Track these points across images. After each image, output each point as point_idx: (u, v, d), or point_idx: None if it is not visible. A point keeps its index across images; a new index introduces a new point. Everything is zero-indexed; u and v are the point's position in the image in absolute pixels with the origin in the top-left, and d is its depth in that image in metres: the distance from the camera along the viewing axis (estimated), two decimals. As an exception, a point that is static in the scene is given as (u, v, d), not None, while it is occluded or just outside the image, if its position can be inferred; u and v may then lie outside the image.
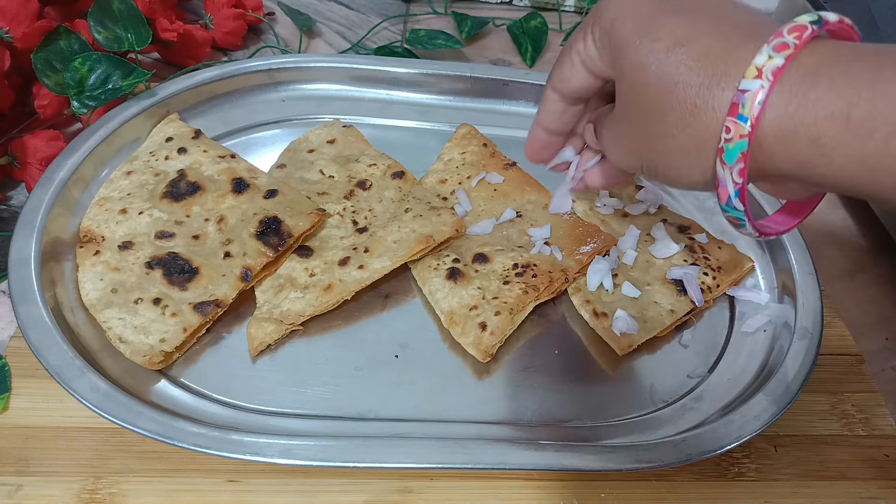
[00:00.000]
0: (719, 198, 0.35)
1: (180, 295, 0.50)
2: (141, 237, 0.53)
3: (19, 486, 0.44)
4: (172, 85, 0.63)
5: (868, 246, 0.69)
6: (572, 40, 0.42)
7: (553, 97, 0.46)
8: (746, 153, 0.32)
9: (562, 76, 0.44)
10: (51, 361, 0.44)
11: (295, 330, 0.52)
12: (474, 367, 0.51)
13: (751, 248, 0.60)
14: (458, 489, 0.46)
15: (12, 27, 0.58)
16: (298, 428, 0.47)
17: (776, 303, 0.56)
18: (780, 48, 0.31)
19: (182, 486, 0.45)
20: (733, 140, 0.32)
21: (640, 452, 0.44)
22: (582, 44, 0.41)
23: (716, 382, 0.52)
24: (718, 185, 0.34)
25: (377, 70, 0.69)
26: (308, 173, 0.60)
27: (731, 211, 0.35)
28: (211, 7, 0.78)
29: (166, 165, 0.58)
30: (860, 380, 0.55)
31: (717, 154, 0.33)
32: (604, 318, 0.53)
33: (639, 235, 0.58)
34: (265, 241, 0.53)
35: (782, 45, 0.31)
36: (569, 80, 0.43)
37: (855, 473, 0.50)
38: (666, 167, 0.37)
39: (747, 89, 0.31)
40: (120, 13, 0.63)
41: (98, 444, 0.46)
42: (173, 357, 0.49)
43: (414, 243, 0.54)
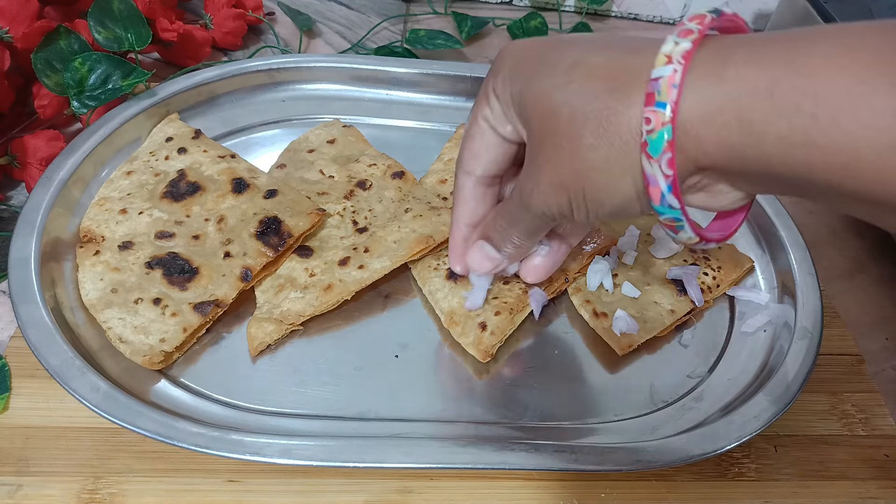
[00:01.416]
0: (651, 199, 0.32)
1: (180, 295, 0.50)
2: (141, 237, 0.53)
3: (19, 486, 0.44)
4: (172, 85, 0.63)
5: (868, 246, 0.69)
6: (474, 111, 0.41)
7: (468, 184, 0.43)
8: (672, 141, 0.30)
9: (473, 153, 0.41)
10: (51, 361, 0.44)
11: (295, 330, 0.52)
12: (474, 367, 0.51)
13: (751, 248, 0.61)
14: (458, 489, 0.46)
15: (12, 27, 0.58)
16: (298, 428, 0.47)
17: (776, 303, 0.56)
18: (685, 34, 0.31)
19: (182, 486, 0.45)
20: (655, 130, 0.30)
21: (640, 452, 0.44)
22: (486, 106, 0.40)
23: (716, 382, 0.52)
24: (648, 184, 0.32)
25: (377, 70, 0.69)
26: (308, 173, 0.60)
27: (666, 211, 0.33)
28: (211, 7, 0.78)
29: (166, 165, 0.58)
30: (860, 380, 0.55)
31: (642, 150, 0.31)
32: (604, 318, 0.53)
33: (639, 235, 0.58)
34: (265, 241, 0.53)
35: (686, 31, 0.31)
36: (480, 154, 0.41)
37: (855, 473, 0.50)
38: (594, 187, 0.34)
39: (660, 76, 0.30)
40: (120, 13, 0.63)
41: (98, 444, 0.46)
42: (173, 357, 0.49)
43: (414, 243, 0.54)
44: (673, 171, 0.31)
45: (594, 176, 0.34)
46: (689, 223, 0.34)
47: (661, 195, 0.32)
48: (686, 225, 0.34)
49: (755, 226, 0.61)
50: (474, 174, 0.42)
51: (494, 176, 0.43)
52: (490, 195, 0.44)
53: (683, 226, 0.34)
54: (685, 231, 0.34)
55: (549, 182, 0.36)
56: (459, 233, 0.46)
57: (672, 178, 0.31)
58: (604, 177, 0.33)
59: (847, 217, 0.71)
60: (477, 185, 0.43)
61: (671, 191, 0.32)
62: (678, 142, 0.30)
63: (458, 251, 0.47)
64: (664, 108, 0.30)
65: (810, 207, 0.72)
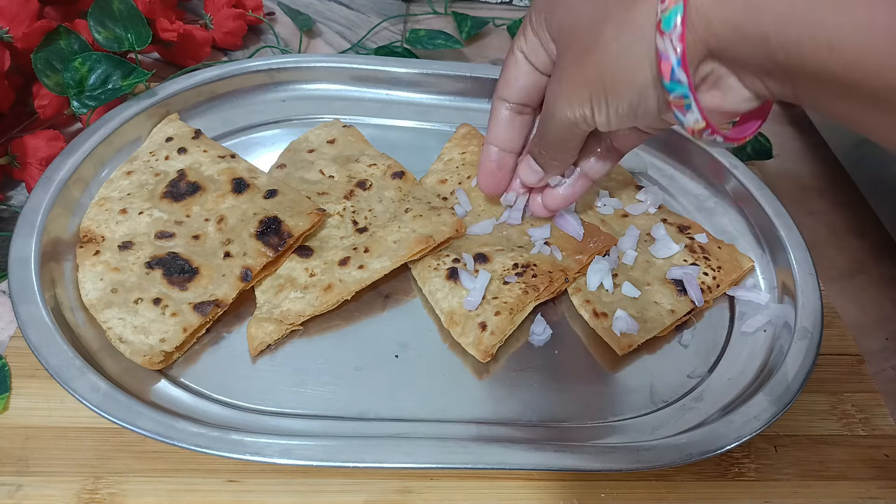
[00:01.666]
0: (663, 75, 0.35)
1: (180, 295, 0.50)
2: (141, 237, 0.53)
3: (19, 486, 0.44)
4: (172, 85, 0.63)
5: (868, 246, 0.69)
6: (512, 43, 0.44)
7: (501, 107, 0.48)
8: (683, 17, 0.33)
9: (507, 80, 0.46)
10: (51, 361, 0.44)
11: (295, 330, 0.52)
12: (474, 367, 0.51)
13: (751, 248, 0.61)
14: (458, 489, 0.46)
15: (12, 27, 0.58)
16: (298, 428, 0.47)
17: (776, 303, 0.56)
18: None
19: (182, 486, 0.45)
20: (668, 7, 0.34)
21: (640, 452, 0.44)
22: (522, 38, 0.44)
23: (716, 382, 0.52)
24: (661, 59, 0.35)
25: (377, 70, 0.69)
26: (308, 173, 0.60)
27: (675, 87, 0.35)
28: (211, 7, 0.78)
29: (166, 165, 0.58)
30: (860, 380, 0.55)
31: (656, 28, 0.34)
32: (604, 318, 0.53)
33: (639, 235, 0.58)
34: (265, 241, 0.53)
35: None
36: (514, 82, 0.45)
37: (855, 473, 0.50)
38: (614, 75, 0.38)
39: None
40: (120, 13, 0.63)
41: (98, 444, 0.46)
42: (173, 357, 0.49)
43: (414, 243, 0.54)
44: (682, 45, 0.34)
45: (614, 66, 0.37)
46: (696, 102, 0.36)
47: (671, 70, 0.35)
48: (693, 104, 0.36)
49: (755, 226, 0.61)
50: (507, 100, 0.47)
51: (525, 104, 0.47)
52: (520, 122, 0.48)
53: (691, 104, 0.36)
54: (692, 112, 0.36)
55: (571, 80, 0.40)
56: (487, 154, 0.50)
57: (682, 51, 0.34)
58: (622, 64, 0.37)
59: (847, 217, 0.71)
60: (508, 111, 0.48)
61: (680, 64, 0.34)
62: (689, 20, 0.33)
63: (485, 171, 0.51)
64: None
65: (810, 207, 0.72)
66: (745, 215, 0.62)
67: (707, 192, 0.65)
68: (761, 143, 0.73)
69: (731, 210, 0.64)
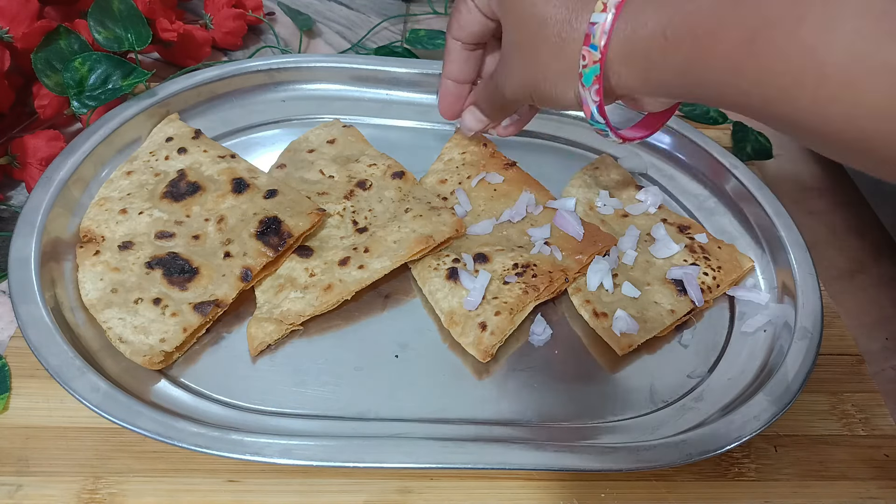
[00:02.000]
0: (585, 113, 0.42)
1: (180, 295, 0.50)
2: (141, 237, 0.53)
3: (19, 486, 0.44)
4: (172, 85, 0.63)
5: (868, 246, 0.69)
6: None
7: (455, 46, 0.53)
8: (600, 76, 0.39)
9: (460, 23, 0.51)
10: (51, 361, 0.44)
11: (295, 330, 0.52)
12: (474, 367, 0.51)
13: (751, 248, 0.61)
14: (458, 489, 0.46)
15: (12, 27, 0.58)
16: (298, 428, 0.47)
17: (776, 303, 0.56)
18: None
19: (182, 486, 0.45)
20: (588, 66, 0.39)
21: (640, 452, 0.44)
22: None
23: (716, 382, 0.52)
24: (583, 103, 0.42)
25: (377, 70, 0.69)
26: (308, 173, 0.60)
27: (595, 124, 0.43)
28: (211, 7, 0.78)
29: (166, 165, 0.58)
30: (860, 380, 0.55)
31: (578, 79, 0.40)
32: (604, 318, 0.53)
33: (639, 235, 0.58)
34: (265, 241, 0.53)
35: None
36: (466, 26, 0.50)
37: (855, 473, 0.50)
38: (548, 92, 0.44)
39: (597, 21, 0.38)
40: (120, 13, 0.63)
41: (98, 444, 0.46)
42: (173, 357, 0.49)
43: (414, 243, 0.54)
44: (600, 98, 0.40)
45: (548, 85, 0.44)
46: (612, 132, 0.45)
47: (591, 113, 0.42)
48: (611, 133, 0.45)
49: (755, 226, 0.61)
50: (460, 40, 0.52)
51: (476, 44, 0.53)
52: (473, 58, 0.54)
53: (608, 133, 0.44)
54: (609, 137, 0.45)
55: (517, 80, 0.46)
56: (445, 87, 0.56)
57: (599, 102, 0.41)
58: (554, 87, 0.43)
59: (847, 217, 0.71)
60: (462, 49, 0.53)
61: (598, 111, 0.41)
62: (605, 76, 0.40)
63: (445, 101, 0.57)
64: (595, 50, 0.39)
65: (810, 207, 0.72)
66: (745, 215, 0.62)
67: (707, 192, 0.65)
68: (761, 143, 0.73)
69: (731, 210, 0.64)
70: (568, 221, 0.57)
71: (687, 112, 0.75)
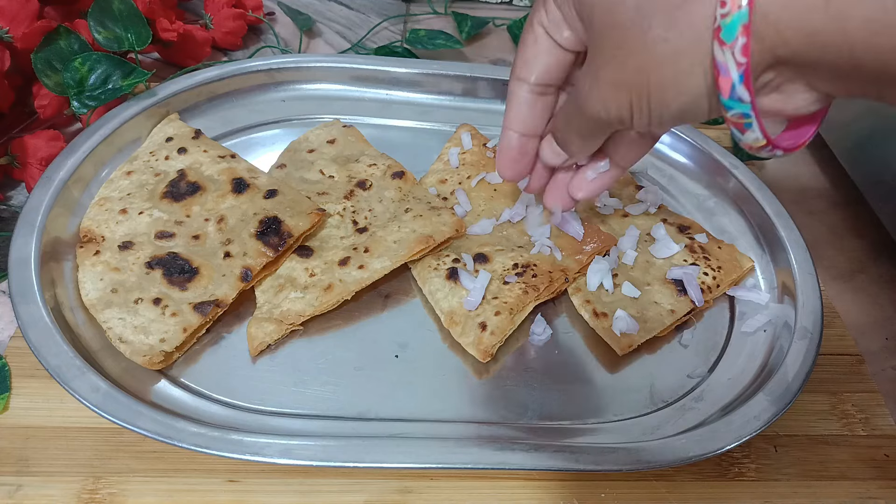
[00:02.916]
0: (721, 91, 0.30)
1: (180, 295, 0.50)
2: (141, 237, 0.53)
3: (19, 486, 0.44)
4: (172, 85, 0.63)
5: (868, 246, 0.69)
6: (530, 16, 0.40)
7: (520, 90, 0.43)
8: (748, 25, 0.28)
9: (526, 59, 0.41)
10: (51, 361, 0.44)
11: (295, 330, 0.52)
12: (474, 367, 0.51)
13: (751, 248, 0.61)
14: (458, 489, 0.46)
15: (12, 27, 0.58)
16: (298, 428, 0.47)
17: (776, 303, 0.56)
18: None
19: (182, 486, 0.45)
20: (730, 13, 0.28)
21: (640, 452, 0.44)
22: (542, 10, 0.39)
23: (716, 382, 0.52)
24: (719, 73, 0.30)
25: (377, 70, 0.69)
26: (308, 173, 0.60)
27: (735, 105, 0.31)
28: (211, 7, 0.78)
29: (166, 165, 0.58)
30: (860, 380, 0.55)
31: (714, 36, 0.29)
32: (604, 318, 0.53)
33: (639, 235, 0.58)
34: (265, 241, 0.53)
35: None
36: (534, 61, 0.41)
37: (855, 473, 0.50)
38: (661, 84, 0.32)
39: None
40: (120, 13, 0.63)
41: (98, 444, 0.46)
42: (173, 357, 0.49)
43: (414, 243, 0.54)
44: (746, 59, 0.29)
45: (662, 71, 0.32)
46: (757, 121, 0.32)
47: (731, 86, 0.30)
48: (755, 123, 0.32)
49: (755, 226, 0.61)
50: (527, 81, 0.42)
51: (547, 85, 0.42)
52: (542, 104, 0.43)
53: (752, 124, 0.32)
54: (753, 131, 0.32)
55: (609, 80, 0.34)
56: (507, 140, 0.46)
57: (745, 66, 0.29)
58: (672, 71, 0.32)
59: (847, 217, 0.71)
60: (529, 93, 0.43)
61: (743, 81, 0.30)
62: (755, 27, 0.28)
63: (504, 157, 0.47)
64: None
65: (810, 207, 0.72)
66: (745, 215, 0.63)
67: (707, 192, 0.65)
68: (761, 143, 0.73)
69: (731, 210, 0.64)
70: (568, 221, 0.57)
71: None
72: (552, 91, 0.43)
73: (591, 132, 0.41)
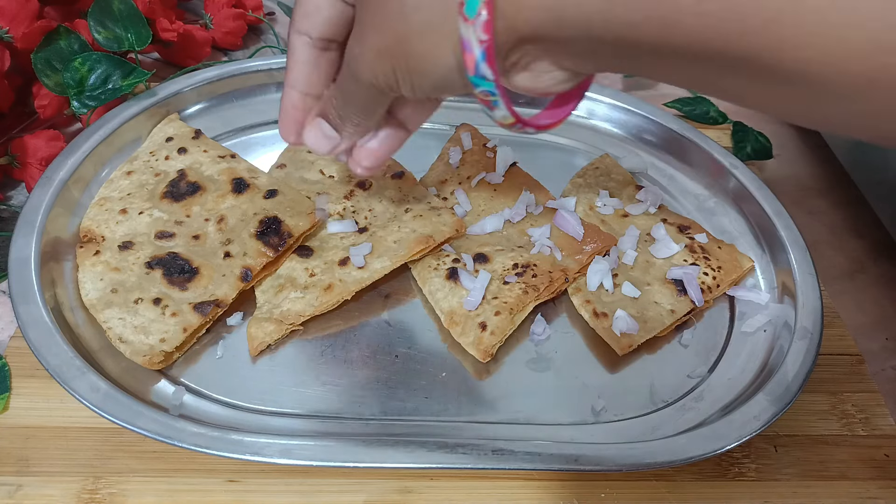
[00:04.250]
0: (466, 67, 0.30)
1: (180, 295, 0.50)
2: (141, 237, 0.53)
3: (19, 486, 0.44)
4: (172, 85, 0.63)
5: (868, 246, 0.69)
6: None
7: (301, 44, 0.39)
8: (489, 1, 0.28)
9: (306, 11, 0.38)
10: (51, 361, 0.44)
11: (295, 330, 0.52)
12: (474, 367, 0.51)
13: (751, 248, 0.61)
14: (458, 489, 0.46)
15: (12, 27, 0.58)
16: (298, 428, 0.47)
17: (776, 303, 0.56)
18: None
19: (182, 486, 0.45)
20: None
21: (640, 452, 0.44)
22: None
23: (716, 382, 0.52)
24: (465, 50, 0.30)
25: (377, 70, 0.68)
26: (308, 173, 0.60)
27: (480, 83, 0.31)
28: (211, 7, 0.78)
29: (166, 165, 0.58)
30: (860, 380, 0.55)
31: (459, 11, 0.29)
32: (604, 318, 0.53)
33: (639, 235, 0.58)
34: (265, 241, 0.53)
35: None
36: (316, 14, 0.38)
37: (855, 473, 0.50)
38: (416, 54, 0.32)
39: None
40: (120, 13, 0.63)
41: (98, 444, 0.46)
42: (173, 357, 0.49)
43: (414, 243, 0.54)
44: (488, 37, 0.29)
45: (416, 42, 0.32)
46: (503, 99, 0.32)
47: (475, 64, 0.30)
48: (500, 101, 0.32)
49: (755, 226, 0.61)
50: (308, 35, 0.39)
51: (330, 40, 0.40)
52: (325, 61, 0.40)
53: (498, 101, 0.32)
54: (500, 108, 0.32)
55: (373, 46, 0.33)
56: (289, 99, 0.42)
57: (487, 43, 0.29)
58: (425, 43, 0.31)
59: (847, 217, 0.71)
60: (311, 48, 0.40)
61: (485, 59, 0.30)
62: (497, 5, 0.28)
63: (288, 119, 0.43)
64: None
65: (810, 207, 0.72)
66: (745, 215, 0.62)
67: (707, 192, 0.65)
68: (761, 143, 0.73)
69: (731, 210, 0.64)
70: (568, 221, 0.57)
71: (687, 112, 0.75)
72: (335, 47, 0.40)
73: (369, 102, 0.39)
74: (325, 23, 0.38)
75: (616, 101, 0.69)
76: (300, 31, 0.39)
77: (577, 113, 0.70)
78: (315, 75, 0.41)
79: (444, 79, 0.33)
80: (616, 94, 0.70)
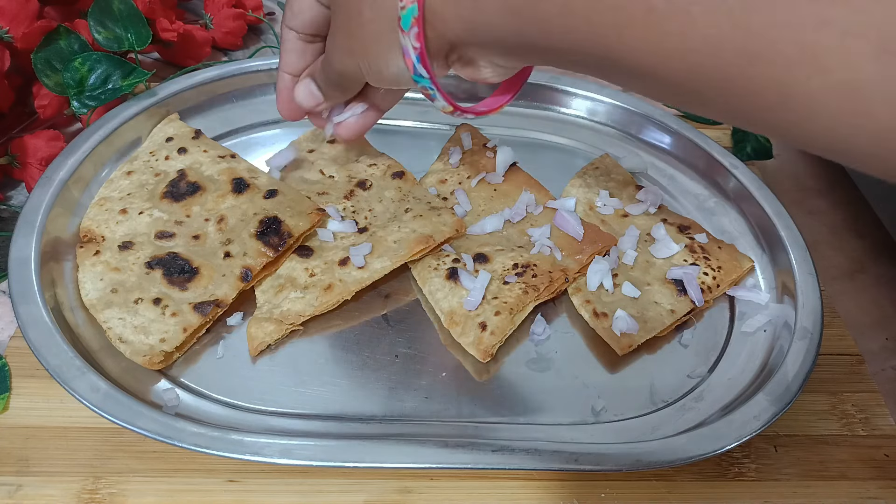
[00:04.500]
0: (408, 68, 0.37)
1: (180, 295, 0.50)
2: (141, 237, 0.53)
3: (19, 486, 0.44)
4: (172, 85, 0.63)
5: (868, 246, 0.69)
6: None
7: (291, 37, 0.48)
8: (419, 17, 0.35)
9: (294, 11, 0.46)
10: (51, 361, 0.44)
11: (295, 330, 0.52)
12: (474, 367, 0.51)
13: (751, 248, 0.61)
14: (458, 489, 0.46)
15: (12, 27, 0.58)
16: (298, 428, 0.47)
17: (776, 303, 0.56)
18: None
19: (182, 486, 0.45)
20: (406, 6, 0.35)
21: (640, 452, 0.44)
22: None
23: (716, 382, 0.52)
24: (405, 55, 0.37)
25: (377, 70, 0.68)
26: (308, 173, 0.60)
27: (420, 80, 0.38)
28: (211, 7, 0.78)
29: (166, 165, 0.58)
30: (860, 380, 0.55)
31: (398, 24, 0.36)
32: (604, 318, 0.53)
33: (639, 235, 0.58)
34: (265, 241, 0.53)
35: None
36: (301, 14, 0.46)
37: (855, 473, 0.50)
38: (373, 56, 0.39)
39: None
40: (120, 13, 0.63)
41: (98, 444, 0.46)
42: (173, 357, 0.49)
43: (414, 243, 0.54)
44: (420, 44, 0.36)
45: (372, 46, 0.39)
46: (440, 93, 0.39)
47: (413, 65, 0.37)
48: (437, 94, 0.39)
49: (755, 226, 0.61)
50: (295, 30, 0.47)
51: (314, 35, 0.48)
52: (310, 51, 0.49)
53: (435, 94, 0.39)
54: (438, 100, 0.40)
55: (342, 46, 0.41)
56: (283, 81, 0.50)
57: (419, 50, 0.36)
58: (378, 47, 0.39)
59: (847, 217, 0.71)
60: (298, 40, 0.48)
61: (420, 62, 0.37)
62: (426, 19, 0.35)
63: (282, 98, 0.51)
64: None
65: (810, 207, 0.72)
66: (745, 215, 0.62)
67: (707, 192, 0.65)
68: (761, 142, 0.73)
69: (731, 210, 0.64)
70: (568, 221, 0.57)
71: (687, 112, 0.75)
72: (320, 39, 0.48)
73: (340, 83, 0.46)
74: (309, 21, 0.46)
75: (616, 101, 0.69)
76: (289, 27, 0.47)
77: (577, 113, 0.71)
78: (303, 62, 0.49)
79: (396, 75, 0.40)
80: (616, 94, 0.70)
